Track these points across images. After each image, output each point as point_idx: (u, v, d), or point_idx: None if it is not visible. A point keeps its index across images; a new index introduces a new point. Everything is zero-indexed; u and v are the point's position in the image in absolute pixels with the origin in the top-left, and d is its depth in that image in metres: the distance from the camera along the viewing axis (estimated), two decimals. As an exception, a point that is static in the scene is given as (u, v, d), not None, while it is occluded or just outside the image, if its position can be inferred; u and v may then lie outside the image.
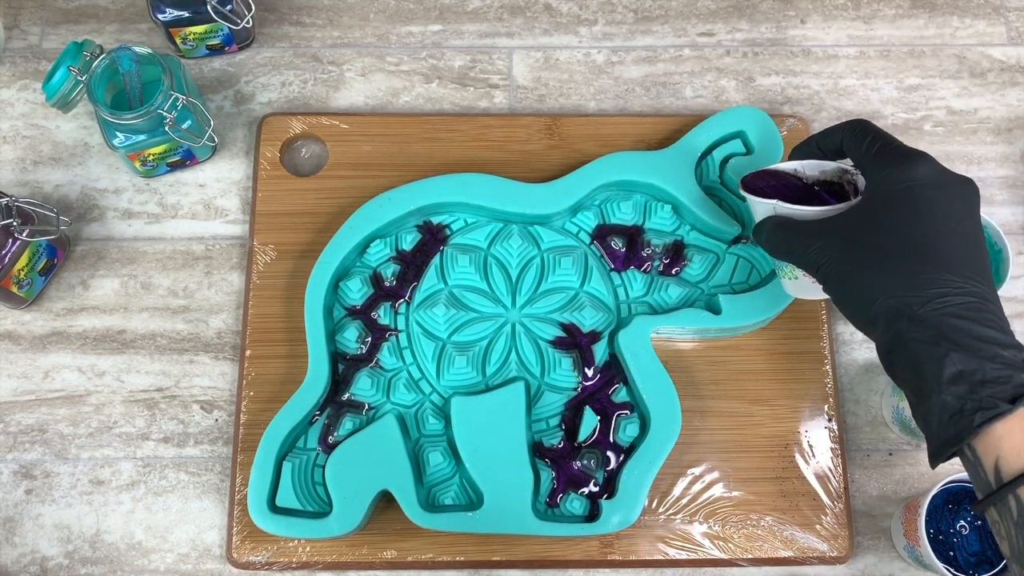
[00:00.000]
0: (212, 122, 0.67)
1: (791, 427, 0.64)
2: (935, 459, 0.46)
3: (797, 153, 0.58)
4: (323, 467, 0.61)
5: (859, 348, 0.68)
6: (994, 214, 0.71)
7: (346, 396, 0.63)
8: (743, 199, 0.60)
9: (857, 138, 0.53)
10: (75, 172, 0.71)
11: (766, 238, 0.56)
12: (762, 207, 0.56)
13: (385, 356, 0.64)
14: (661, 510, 0.63)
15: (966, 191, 0.50)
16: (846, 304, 0.50)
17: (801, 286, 0.58)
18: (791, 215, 0.55)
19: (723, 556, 0.62)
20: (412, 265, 0.66)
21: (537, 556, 0.62)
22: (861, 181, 0.55)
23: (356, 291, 0.65)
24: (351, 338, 0.64)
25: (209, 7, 0.67)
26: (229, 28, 0.70)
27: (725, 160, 0.68)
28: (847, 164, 0.56)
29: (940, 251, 0.47)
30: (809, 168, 0.58)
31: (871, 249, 0.49)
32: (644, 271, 0.66)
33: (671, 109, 0.74)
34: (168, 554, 0.63)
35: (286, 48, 0.75)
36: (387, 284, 0.65)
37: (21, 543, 0.63)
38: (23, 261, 0.64)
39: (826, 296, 0.54)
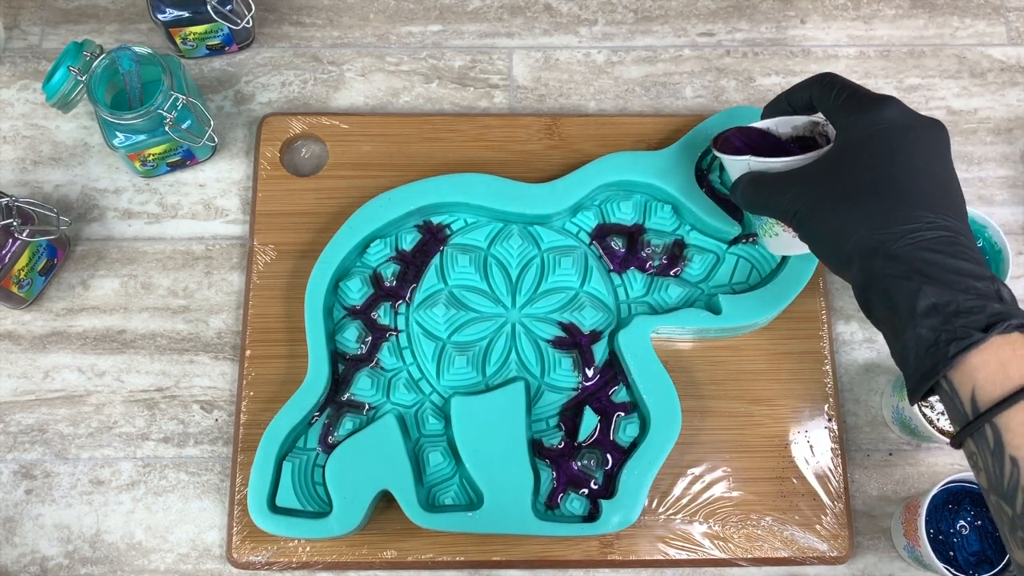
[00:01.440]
0: (212, 122, 0.67)
1: (791, 427, 0.64)
2: (914, 395, 0.45)
3: (768, 112, 0.59)
4: (323, 467, 0.61)
5: (859, 348, 0.68)
6: (994, 214, 0.71)
7: (346, 396, 0.63)
8: (716, 161, 0.60)
9: (825, 89, 0.53)
10: (75, 172, 0.71)
11: (742, 193, 0.56)
12: (737, 165, 0.57)
13: (385, 356, 0.64)
14: (661, 510, 0.63)
15: (936, 132, 0.50)
16: (820, 247, 0.51)
17: (783, 242, 0.58)
18: (765, 169, 0.55)
19: (723, 556, 0.62)
20: (412, 265, 0.66)
21: (537, 556, 0.62)
22: (832, 131, 0.55)
23: (356, 291, 0.65)
24: (351, 338, 0.64)
25: (209, 7, 0.67)
26: (229, 28, 0.70)
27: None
28: (818, 117, 0.57)
29: (911, 189, 0.47)
30: (781, 125, 0.59)
31: (843, 191, 0.49)
32: (644, 271, 0.66)
33: (671, 109, 0.74)
34: (168, 554, 0.63)
35: (286, 48, 0.75)
36: (387, 284, 0.66)
37: (21, 543, 0.63)
38: (23, 261, 0.64)
39: (806, 249, 0.54)
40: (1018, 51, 0.76)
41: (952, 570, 0.57)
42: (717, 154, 0.59)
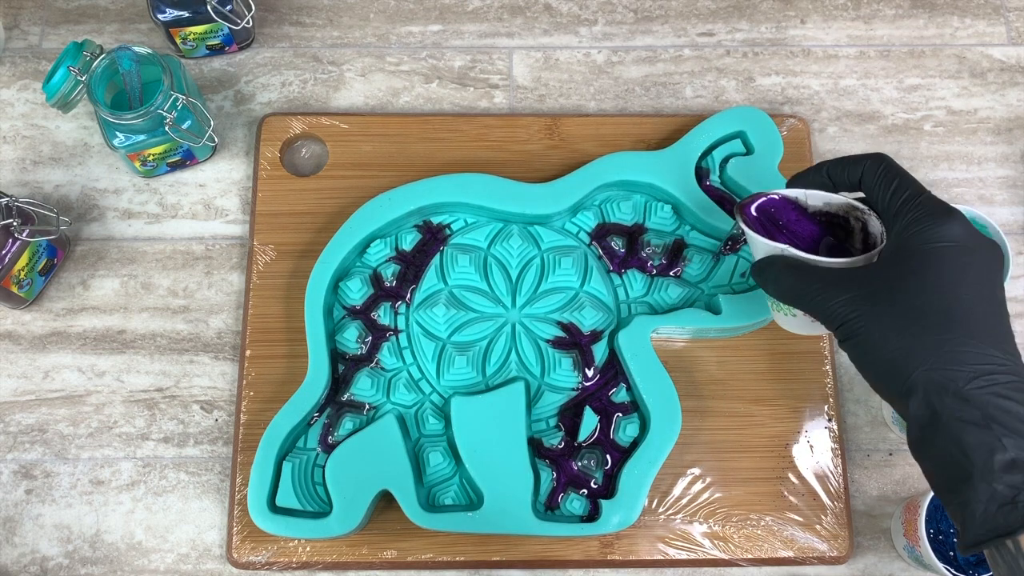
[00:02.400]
0: (212, 122, 0.67)
1: (791, 427, 0.64)
2: (973, 547, 0.42)
3: (802, 180, 0.54)
4: (323, 467, 0.61)
5: (859, 348, 0.68)
6: (994, 214, 0.71)
7: (346, 396, 0.63)
8: (739, 233, 0.55)
9: (882, 181, 0.49)
10: (75, 172, 0.71)
11: (774, 280, 0.52)
12: (764, 247, 0.52)
13: (385, 356, 0.64)
14: (661, 510, 0.63)
15: (996, 255, 0.47)
16: (874, 367, 0.47)
17: (799, 323, 0.54)
18: (804, 260, 0.51)
19: (723, 556, 0.62)
20: (412, 265, 0.66)
21: (537, 556, 0.62)
22: (874, 223, 0.51)
23: (356, 291, 0.65)
24: (351, 338, 0.64)
25: (209, 7, 0.67)
26: (229, 28, 0.70)
27: (725, 160, 0.68)
28: (857, 203, 0.53)
29: (979, 323, 0.45)
30: (812, 198, 0.54)
31: (906, 311, 0.45)
32: (644, 271, 0.66)
33: (671, 109, 0.74)
34: (168, 554, 0.63)
35: (286, 48, 0.75)
36: (387, 284, 0.66)
37: (21, 543, 0.63)
38: (23, 261, 0.64)
39: (825, 333, 0.51)
40: (1018, 51, 0.76)
41: (952, 570, 0.57)
42: (745, 230, 0.53)
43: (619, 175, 0.66)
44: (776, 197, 0.55)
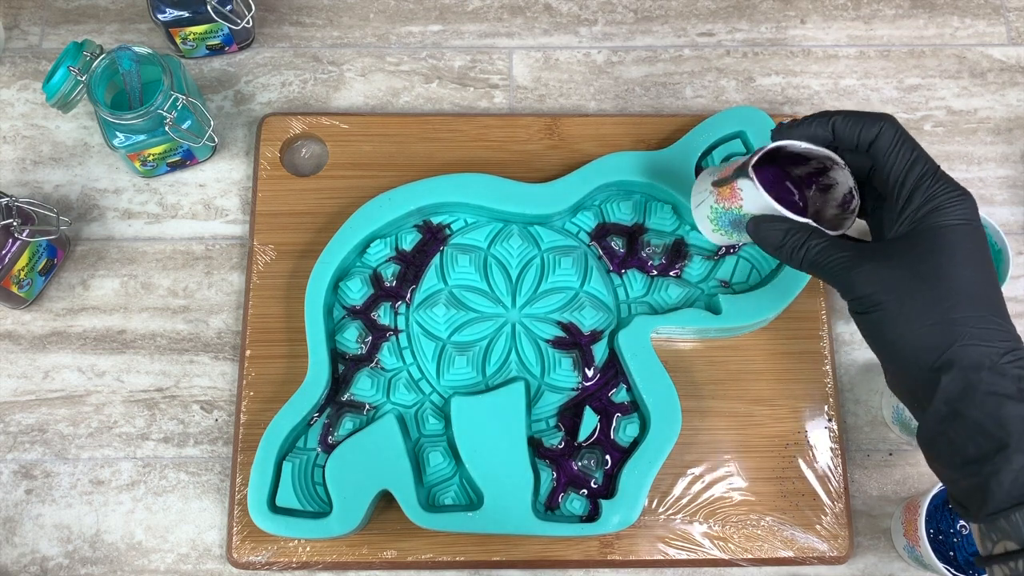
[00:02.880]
0: (212, 122, 0.67)
1: (791, 427, 0.64)
2: (994, 515, 0.44)
3: (803, 128, 0.52)
4: (323, 467, 0.61)
5: (859, 348, 0.68)
6: (994, 214, 0.71)
7: (346, 396, 0.63)
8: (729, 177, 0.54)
9: (899, 151, 0.50)
10: (75, 172, 0.71)
11: (791, 248, 0.52)
12: (770, 209, 0.52)
13: (385, 356, 0.64)
14: (661, 510, 0.63)
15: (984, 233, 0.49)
16: (897, 343, 0.48)
17: (725, 239, 0.56)
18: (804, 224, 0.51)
19: (723, 556, 0.62)
20: (412, 265, 0.66)
21: (537, 556, 0.62)
22: (847, 176, 0.52)
23: (356, 291, 0.65)
24: (351, 338, 0.64)
25: (209, 7, 0.67)
26: (229, 28, 0.70)
27: (725, 160, 0.68)
28: (836, 156, 0.52)
29: (999, 300, 0.47)
30: (792, 146, 0.53)
31: (937, 290, 0.46)
32: (644, 271, 0.66)
33: (671, 109, 0.74)
34: (168, 554, 0.63)
35: (286, 48, 0.75)
36: (387, 284, 0.66)
37: (21, 543, 0.63)
38: (23, 261, 0.64)
39: (747, 241, 0.53)
40: (1018, 51, 0.76)
41: (952, 570, 0.57)
42: (760, 192, 0.52)
43: (619, 175, 0.66)
44: (778, 146, 0.53)
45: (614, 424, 0.63)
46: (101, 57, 0.64)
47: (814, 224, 0.51)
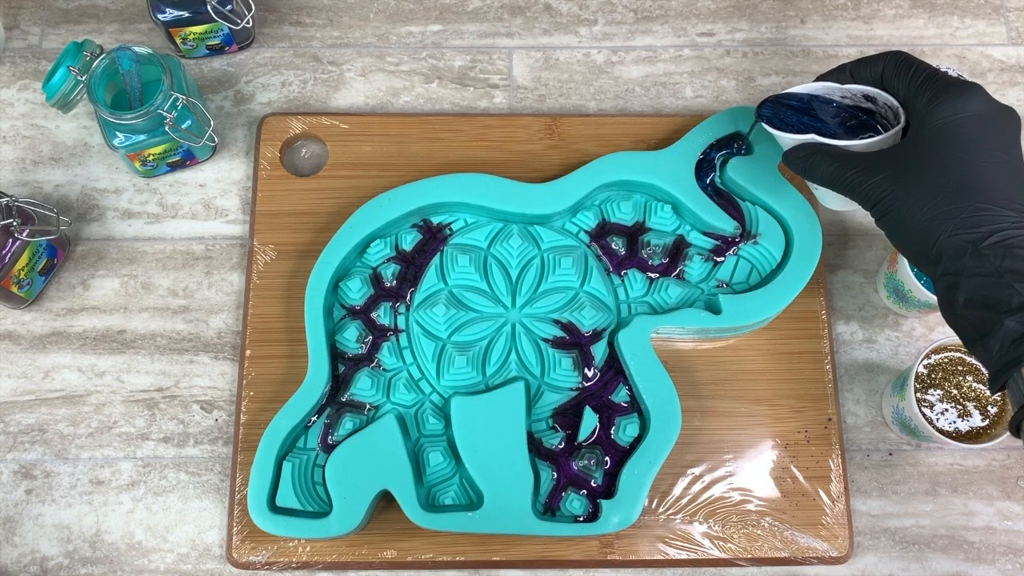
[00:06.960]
0: (212, 122, 0.67)
1: (791, 427, 0.64)
2: (994, 383, 0.48)
3: (826, 79, 0.59)
4: (323, 467, 0.61)
5: (859, 348, 0.68)
6: (994, 214, 0.71)
7: (346, 396, 0.63)
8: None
9: (901, 69, 0.54)
10: (75, 172, 0.71)
11: (806, 166, 0.56)
12: (791, 140, 0.57)
13: (385, 356, 0.64)
14: (661, 510, 0.63)
15: (1013, 119, 0.51)
16: (906, 240, 0.51)
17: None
18: (831, 147, 0.55)
19: (723, 556, 0.62)
20: (412, 265, 0.66)
21: (537, 556, 0.62)
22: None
23: (356, 291, 0.65)
24: (351, 338, 0.64)
25: (209, 7, 0.67)
26: (229, 28, 0.70)
27: (725, 160, 0.68)
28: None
29: (996, 188, 0.49)
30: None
31: (929, 186, 0.50)
32: (644, 271, 0.66)
33: (671, 109, 0.74)
34: (168, 554, 0.63)
35: (286, 48, 0.75)
36: (387, 284, 0.66)
37: (21, 543, 0.63)
38: (23, 261, 0.64)
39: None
40: (1018, 51, 0.76)
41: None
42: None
43: (619, 175, 0.66)
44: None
45: (614, 424, 0.63)
46: (101, 57, 0.64)
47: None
